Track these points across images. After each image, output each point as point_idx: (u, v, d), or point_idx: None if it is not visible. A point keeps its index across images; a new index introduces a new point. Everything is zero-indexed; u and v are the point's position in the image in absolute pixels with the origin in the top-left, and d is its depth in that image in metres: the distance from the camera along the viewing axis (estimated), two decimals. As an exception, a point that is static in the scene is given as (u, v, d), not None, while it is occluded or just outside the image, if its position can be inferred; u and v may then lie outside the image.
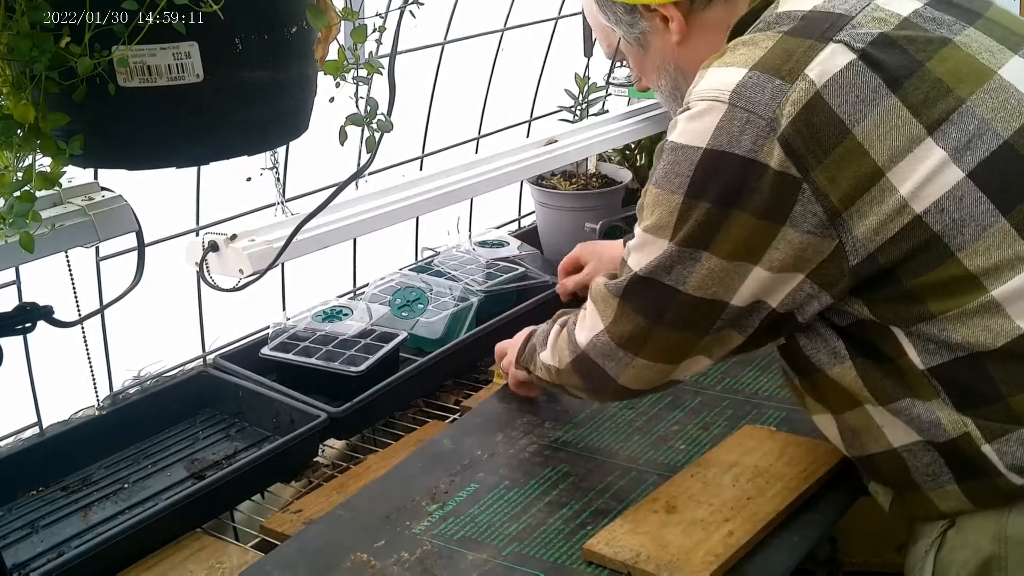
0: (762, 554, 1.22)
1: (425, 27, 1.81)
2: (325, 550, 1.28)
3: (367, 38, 1.18)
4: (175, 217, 1.69)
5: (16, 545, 1.37)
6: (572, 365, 1.29)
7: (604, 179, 2.29)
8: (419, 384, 1.74)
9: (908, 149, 1.03)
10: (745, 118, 1.04)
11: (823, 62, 1.03)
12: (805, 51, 1.05)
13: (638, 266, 1.14)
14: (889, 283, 1.06)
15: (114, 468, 1.56)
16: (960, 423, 1.07)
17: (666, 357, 1.18)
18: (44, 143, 1.00)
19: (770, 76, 1.04)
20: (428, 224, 2.20)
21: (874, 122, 1.02)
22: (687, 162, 1.08)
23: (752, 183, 1.04)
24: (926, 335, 1.06)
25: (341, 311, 1.85)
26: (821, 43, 1.05)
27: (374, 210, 1.68)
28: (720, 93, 1.06)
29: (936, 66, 1.05)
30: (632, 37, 1.29)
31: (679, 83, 1.29)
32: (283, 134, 1.20)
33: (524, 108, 2.42)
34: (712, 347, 1.17)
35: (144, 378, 1.70)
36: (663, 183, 1.11)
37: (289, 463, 1.52)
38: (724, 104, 1.05)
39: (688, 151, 1.08)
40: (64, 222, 1.29)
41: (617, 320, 1.18)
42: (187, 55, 1.01)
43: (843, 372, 1.14)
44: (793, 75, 1.03)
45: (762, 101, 1.03)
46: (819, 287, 1.08)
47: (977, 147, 1.03)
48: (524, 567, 1.23)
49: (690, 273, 1.10)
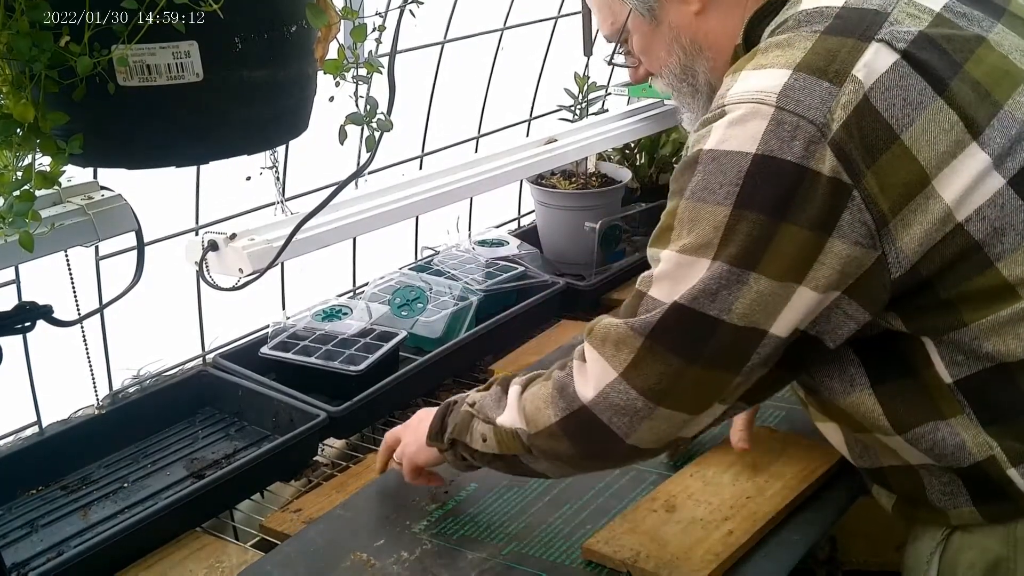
0: (762, 553, 1.23)
1: (425, 26, 1.81)
2: (325, 549, 1.28)
3: (367, 37, 1.17)
4: (175, 216, 1.69)
5: (16, 544, 1.37)
6: (560, 427, 1.11)
7: (604, 178, 2.29)
8: (419, 383, 1.74)
9: (953, 154, 0.98)
10: (795, 122, 0.96)
11: (868, 63, 0.98)
12: (849, 51, 0.99)
13: (674, 295, 1.01)
14: (926, 293, 1.01)
15: (114, 467, 1.56)
16: (986, 445, 1.03)
17: (691, 405, 1.05)
18: (44, 142, 1.00)
19: (817, 78, 0.98)
20: (428, 223, 2.20)
21: (922, 126, 0.97)
22: (734, 169, 0.98)
23: (803, 191, 0.96)
24: (956, 344, 1.02)
25: (341, 310, 1.85)
26: (863, 42, 0.99)
27: (374, 209, 1.68)
28: (765, 96, 0.98)
29: (974, 68, 1.01)
30: (646, 7, 1.19)
31: (693, 61, 1.20)
32: (283, 133, 1.20)
33: (524, 107, 2.42)
34: (737, 389, 1.05)
35: (143, 377, 1.70)
36: (703, 195, 1.00)
37: (289, 462, 1.52)
38: (771, 107, 0.97)
39: (734, 158, 0.98)
40: (64, 221, 1.29)
41: (639, 364, 1.03)
42: (187, 54, 1.00)
43: (858, 400, 1.08)
44: (840, 77, 0.97)
45: (812, 104, 0.96)
46: (858, 304, 1.01)
47: (1018, 153, 1.00)
48: (524, 566, 1.23)
49: (736, 298, 0.99)
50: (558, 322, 2.02)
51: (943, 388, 1.04)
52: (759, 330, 1.00)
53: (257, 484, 1.51)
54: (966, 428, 1.03)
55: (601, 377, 1.06)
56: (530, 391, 1.16)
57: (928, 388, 1.04)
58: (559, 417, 1.10)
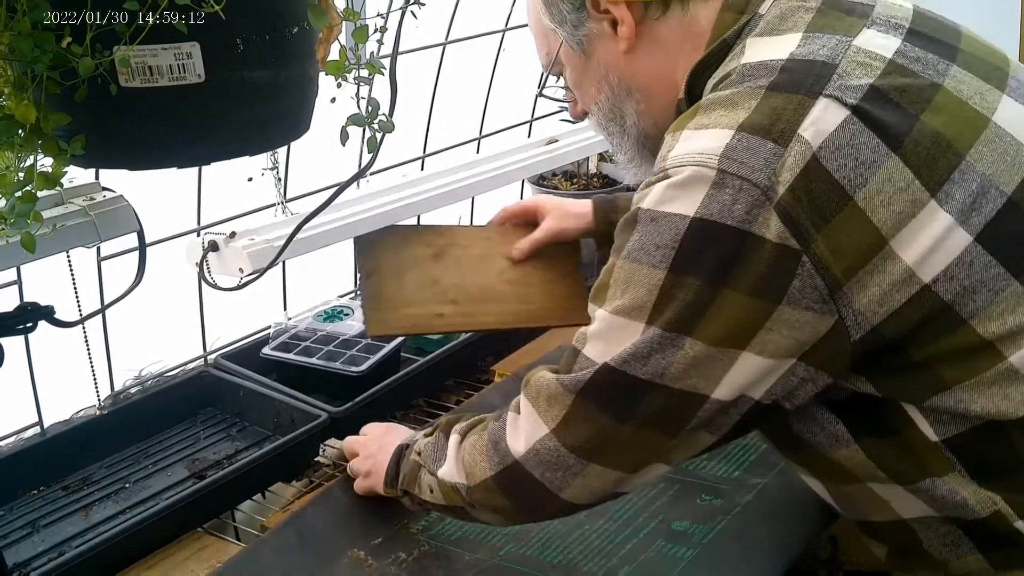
0: (758, 552, 1.23)
1: (426, 27, 1.81)
2: (322, 543, 1.28)
3: (368, 38, 1.18)
4: (176, 217, 1.69)
5: (17, 544, 1.37)
6: (495, 481, 1.09)
7: (605, 179, 2.29)
8: (420, 384, 1.74)
9: (912, 214, 0.92)
10: (738, 185, 0.91)
11: (816, 121, 0.92)
12: (795, 109, 0.93)
13: (605, 356, 0.98)
14: (895, 356, 0.96)
15: (115, 468, 1.56)
16: (989, 500, 0.97)
17: (626, 464, 1.02)
18: (45, 143, 1.00)
19: (761, 139, 0.92)
20: (429, 223, 2.20)
21: (876, 186, 0.91)
22: (671, 232, 0.93)
23: (746, 257, 0.91)
24: (940, 408, 0.96)
25: (342, 311, 1.85)
26: (810, 98, 0.93)
27: (375, 209, 1.68)
28: (706, 158, 0.93)
29: (931, 119, 0.95)
30: (575, 41, 1.15)
31: (620, 100, 1.17)
32: (284, 134, 1.20)
33: (525, 108, 2.42)
34: (676, 451, 1.02)
35: (145, 378, 1.70)
36: (639, 256, 0.96)
37: (290, 463, 1.52)
38: (712, 170, 0.92)
39: (672, 220, 0.93)
40: (65, 222, 1.29)
41: (569, 421, 1.01)
42: (188, 55, 1.01)
43: (849, 455, 1.02)
44: (786, 137, 0.91)
45: (756, 166, 0.91)
46: (815, 368, 0.96)
47: (982, 207, 0.94)
48: (521, 567, 1.23)
49: (671, 363, 0.95)
50: (559, 323, 2.01)
51: (930, 446, 0.98)
52: (698, 394, 0.96)
53: (258, 484, 1.51)
54: (963, 485, 0.98)
55: (532, 432, 1.05)
56: (468, 442, 1.14)
57: (914, 447, 0.99)
58: (493, 472, 1.09)
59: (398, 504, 1.33)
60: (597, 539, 1.28)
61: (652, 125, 1.16)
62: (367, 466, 1.35)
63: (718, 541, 1.26)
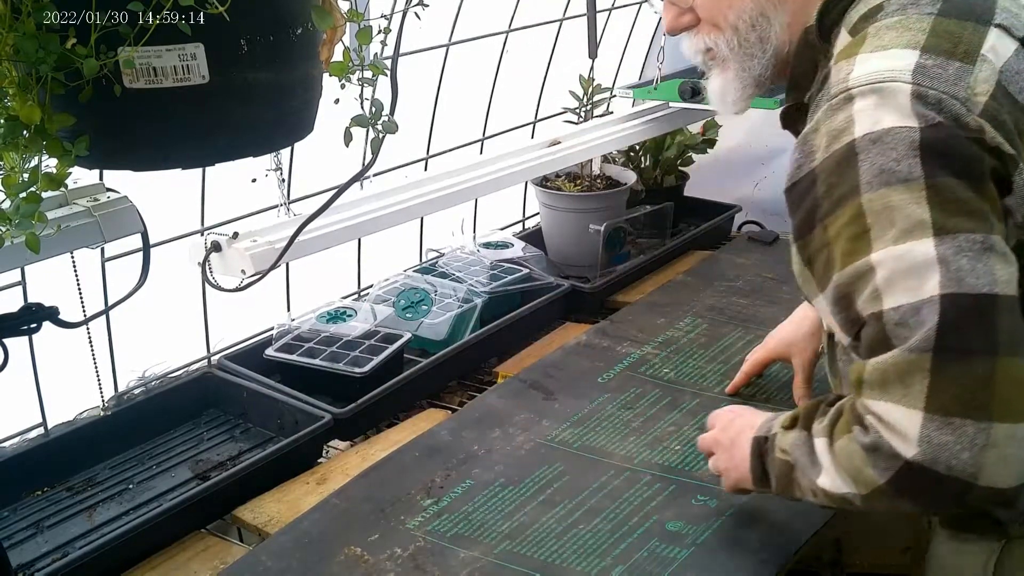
0: (752, 553, 1.23)
1: (430, 29, 1.81)
2: (319, 541, 1.28)
3: (372, 40, 1.18)
4: (180, 218, 1.69)
5: (21, 545, 1.37)
6: (892, 487, 0.94)
7: (608, 180, 2.29)
8: (423, 385, 1.74)
9: None
10: (939, 97, 0.93)
11: (993, 47, 0.98)
12: (971, 33, 0.98)
13: (936, 290, 0.89)
14: None
15: (119, 469, 1.56)
16: None
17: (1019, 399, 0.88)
18: (50, 144, 1.00)
19: (946, 59, 0.95)
20: (432, 225, 2.21)
21: None
22: (904, 143, 0.92)
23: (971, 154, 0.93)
24: None
25: (345, 312, 1.85)
26: (983, 26, 0.99)
27: (378, 211, 1.68)
28: (898, 74, 0.95)
29: None
30: None
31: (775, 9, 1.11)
32: (288, 135, 1.20)
33: (528, 110, 2.42)
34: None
35: (149, 379, 1.70)
36: (885, 178, 0.92)
37: (293, 464, 1.52)
38: (908, 84, 0.94)
39: (899, 133, 0.93)
40: (70, 223, 1.29)
41: (940, 385, 0.88)
42: (192, 56, 1.01)
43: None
44: (970, 57, 0.96)
45: (949, 81, 0.94)
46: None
47: None
48: (515, 565, 1.23)
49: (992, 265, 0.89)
50: (562, 324, 2.02)
51: None
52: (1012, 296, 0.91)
53: (262, 486, 1.51)
54: None
55: (910, 422, 0.90)
56: (838, 446, 1.00)
57: None
58: (887, 478, 0.94)
59: (394, 501, 1.33)
60: (591, 539, 1.28)
61: (787, 44, 1.13)
62: (724, 462, 1.25)
63: (712, 542, 1.27)
